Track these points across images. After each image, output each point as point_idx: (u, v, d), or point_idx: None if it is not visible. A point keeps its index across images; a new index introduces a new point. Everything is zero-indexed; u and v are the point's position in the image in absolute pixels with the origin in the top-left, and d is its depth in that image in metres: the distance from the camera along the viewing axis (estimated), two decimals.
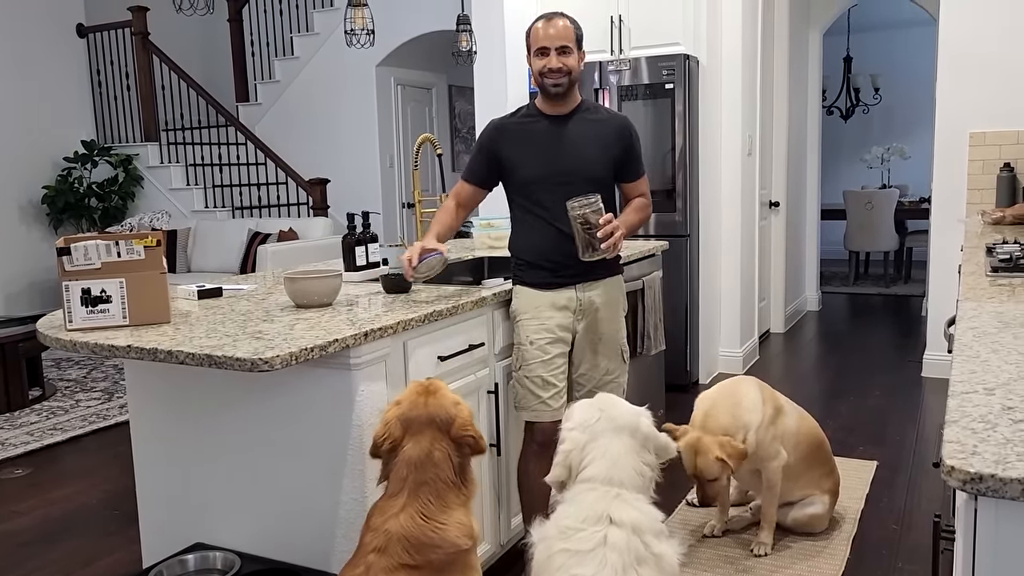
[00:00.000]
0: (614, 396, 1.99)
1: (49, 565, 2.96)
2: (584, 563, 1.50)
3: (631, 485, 1.67)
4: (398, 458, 1.90)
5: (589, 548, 1.52)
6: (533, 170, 2.57)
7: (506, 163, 2.61)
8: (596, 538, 1.53)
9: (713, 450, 2.65)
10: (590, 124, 2.61)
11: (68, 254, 2.11)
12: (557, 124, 2.58)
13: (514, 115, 2.68)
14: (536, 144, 2.57)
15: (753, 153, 5.41)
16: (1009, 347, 1.60)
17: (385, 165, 8.15)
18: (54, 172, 7.55)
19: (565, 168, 2.56)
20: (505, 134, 2.62)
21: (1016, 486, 0.98)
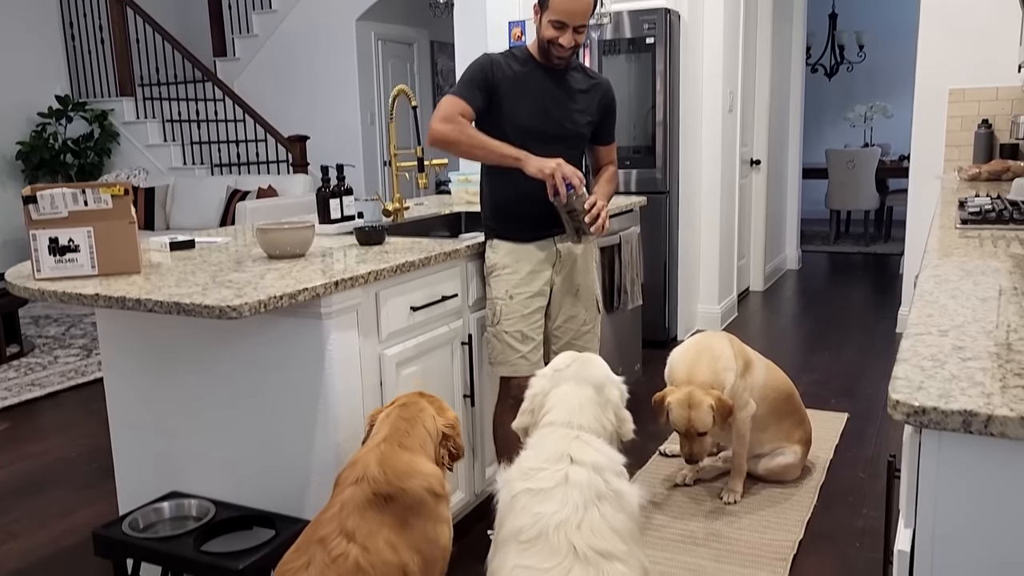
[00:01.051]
0: (597, 357, 2.00)
1: (28, 516, 2.98)
2: (546, 501, 1.53)
3: (591, 429, 1.70)
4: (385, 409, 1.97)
5: (551, 486, 1.55)
6: (527, 119, 2.51)
7: (500, 104, 2.49)
8: (557, 476, 1.56)
9: (707, 402, 2.69)
10: (580, 83, 2.59)
11: (34, 202, 2.09)
12: (552, 78, 2.54)
13: (508, 57, 2.54)
14: (531, 94, 2.52)
15: (734, 110, 5.39)
16: (968, 293, 1.63)
17: (366, 122, 8.08)
18: (28, 127, 7.44)
19: (557, 123, 2.54)
20: (501, 72, 2.49)
21: (957, 418, 1.01)
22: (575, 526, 1.48)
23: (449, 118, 2.43)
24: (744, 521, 2.76)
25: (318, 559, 1.64)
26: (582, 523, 1.48)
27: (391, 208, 3.19)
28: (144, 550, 2.07)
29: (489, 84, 2.48)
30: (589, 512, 1.50)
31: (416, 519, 1.79)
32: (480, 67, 2.50)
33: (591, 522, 1.49)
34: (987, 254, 2.06)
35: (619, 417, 1.84)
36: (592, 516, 1.49)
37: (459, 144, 2.43)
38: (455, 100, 2.45)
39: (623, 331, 3.87)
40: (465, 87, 2.48)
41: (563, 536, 1.46)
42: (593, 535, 1.47)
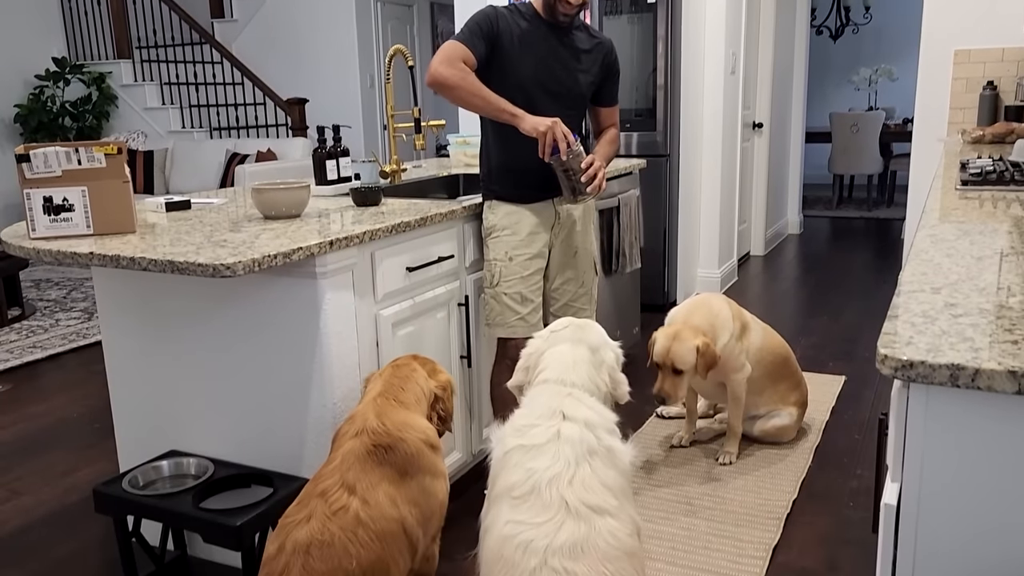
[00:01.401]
0: (594, 323, 2.01)
1: (30, 475, 3.01)
2: (538, 456, 1.54)
3: (584, 388, 1.71)
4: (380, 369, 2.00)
5: (543, 442, 1.56)
6: (529, 74, 2.47)
7: (502, 57, 2.45)
8: (549, 432, 1.57)
9: (693, 341, 2.69)
10: (584, 43, 2.56)
11: (28, 161, 2.08)
12: (557, 35, 2.51)
13: (513, 12, 2.50)
14: (534, 50, 2.48)
15: (737, 72, 5.33)
16: (964, 252, 1.62)
17: (366, 85, 8.01)
18: (26, 90, 7.38)
19: (558, 80, 2.51)
20: (506, 26, 2.45)
21: (945, 372, 1.01)
22: (567, 481, 1.49)
23: (450, 62, 2.36)
24: (739, 481, 2.78)
25: (319, 512, 1.66)
26: (573, 479, 1.49)
27: (388, 170, 3.18)
28: (144, 507, 2.10)
29: (492, 35, 2.43)
30: (581, 468, 1.51)
31: (414, 472, 1.81)
32: (485, 17, 2.45)
33: (582, 478, 1.50)
34: (986, 215, 2.05)
35: (614, 380, 1.85)
36: (583, 472, 1.51)
37: (458, 89, 2.37)
38: (458, 45, 2.39)
39: (622, 294, 3.87)
40: (469, 34, 2.42)
41: (555, 491, 1.48)
42: (584, 490, 1.48)
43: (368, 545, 1.65)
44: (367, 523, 1.67)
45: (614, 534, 1.45)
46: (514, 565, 1.43)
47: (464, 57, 2.38)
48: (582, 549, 1.41)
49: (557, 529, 1.43)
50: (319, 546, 1.61)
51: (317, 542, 1.61)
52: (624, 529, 1.50)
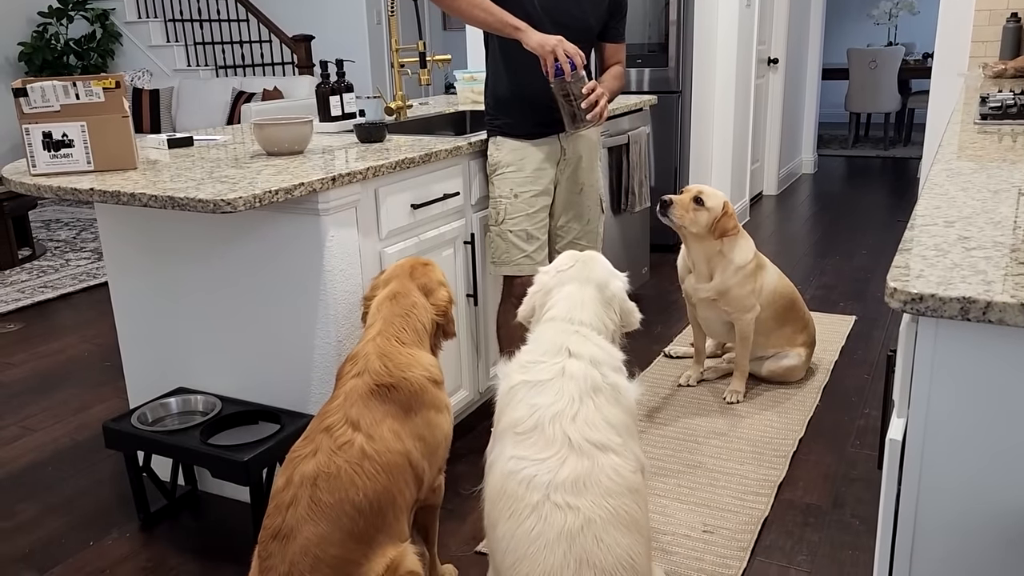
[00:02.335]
0: (598, 255, 1.96)
1: (42, 412, 3.05)
2: (542, 392, 1.53)
3: (592, 326, 1.69)
4: (377, 295, 1.95)
5: (548, 378, 1.55)
6: (536, 4, 2.40)
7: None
8: (554, 369, 1.56)
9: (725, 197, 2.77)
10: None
11: (25, 95, 2.04)
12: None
13: None
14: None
15: (752, 5, 5.18)
16: (980, 185, 1.58)
17: (372, 22, 7.84)
18: (29, 28, 7.27)
19: (569, 12, 2.44)
20: None
21: (955, 305, 0.98)
22: (570, 418, 1.48)
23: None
24: (746, 420, 2.79)
25: (325, 446, 1.67)
26: (577, 415, 1.49)
27: (394, 106, 3.12)
28: (153, 442, 2.12)
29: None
30: (584, 404, 1.50)
31: (418, 407, 1.81)
32: None
33: (585, 414, 1.49)
34: (1005, 148, 1.99)
35: (624, 309, 1.82)
36: (587, 408, 1.50)
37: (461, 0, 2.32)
38: None
39: (631, 233, 3.84)
40: None
41: (558, 427, 1.47)
42: (588, 427, 1.48)
43: (374, 477, 1.66)
44: (372, 456, 1.68)
45: (617, 470, 1.45)
46: (517, 499, 1.44)
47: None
48: (584, 484, 1.42)
49: (560, 465, 1.43)
50: (326, 478, 1.62)
51: (324, 474, 1.63)
52: (627, 466, 1.49)
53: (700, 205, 2.73)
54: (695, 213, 2.74)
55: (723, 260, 2.80)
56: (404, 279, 1.96)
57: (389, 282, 1.96)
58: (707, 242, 2.78)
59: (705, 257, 2.80)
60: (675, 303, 3.93)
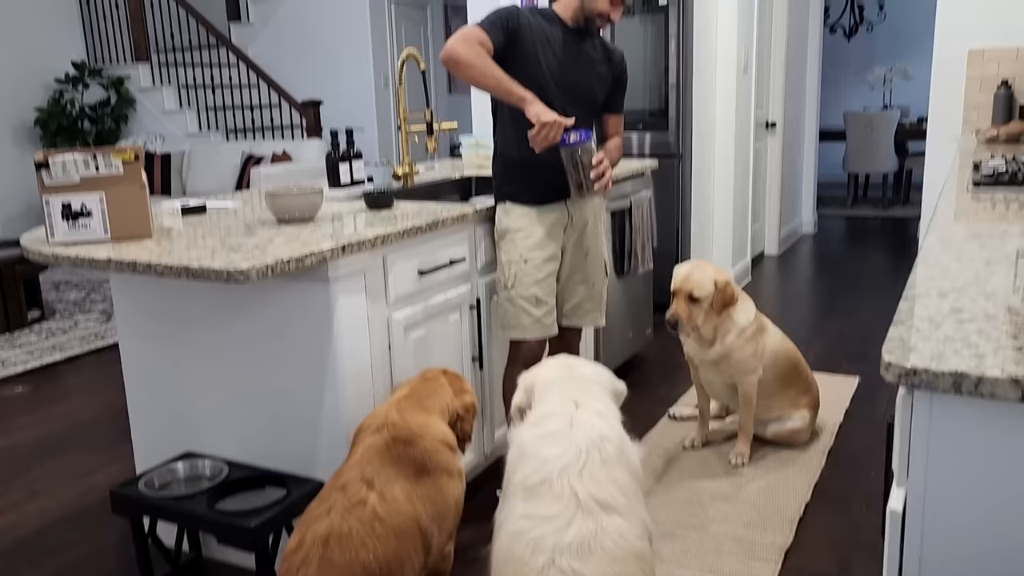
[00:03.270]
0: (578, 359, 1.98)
1: (48, 476, 3.06)
2: (553, 444, 1.56)
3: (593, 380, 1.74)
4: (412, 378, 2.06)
5: (557, 429, 1.58)
6: (546, 73, 2.48)
7: (522, 52, 2.45)
8: (564, 421, 1.60)
9: (712, 272, 2.77)
10: (598, 50, 2.60)
11: (47, 168, 2.11)
12: (574, 38, 2.54)
13: (534, 12, 2.51)
14: (553, 48, 2.50)
15: (749, 71, 5.32)
16: (972, 256, 1.62)
17: (380, 86, 8.04)
18: (46, 94, 7.47)
19: (575, 83, 2.54)
20: (526, 24, 2.46)
21: (948, 379, 1.01)
22: (577, 472, 1.51)
23: (468, 41, 2.36)
24: (751, 483, 2.78)
25: (339, 504, 1.70)
26: (583, 468, 1.51)
27: (401, 172, 3.20)
28: (160, 508, 2.13)
29: (512, 29, 2.44)
30: (591, 457, 1.53)
31: (431, 470, 1.85)
32: (507, 13, 2.46)
33: (592, 468, 1.52)
34: (998, 216, 2.05)
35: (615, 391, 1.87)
36: (593, 461, 1.53)
37: (472, 68, 2.35)
38: (477, 29, 2.40)
39: (634, 296, 3.88)
40: (489, 24, 2.43)
41: (566, 482, 1.50)
42: (594, 483, 1.50)
43: (384, 539, 1.68)
44: (384, 518, 1.70)
45: (623, 535, 1.46)
46: (523, 563, 1.45)
47: (481, 40, 2.37)
48: (590, 549, 1.43)
49: (566, 526, 1.45)
50: (337, 538, 1.64)
51: (336, 534, 1.65)
52: (633, 531, 1.51)
53: (695, 302, 2.76)
54: (696, 310, 2.76)
55: (725, 324, 2.83)
56: (438, 373, 2.10)
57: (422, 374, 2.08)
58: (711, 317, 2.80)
59: (710, 324, 2.83)
60: (679, 364, 3.94)
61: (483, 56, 2.36)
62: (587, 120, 2.63)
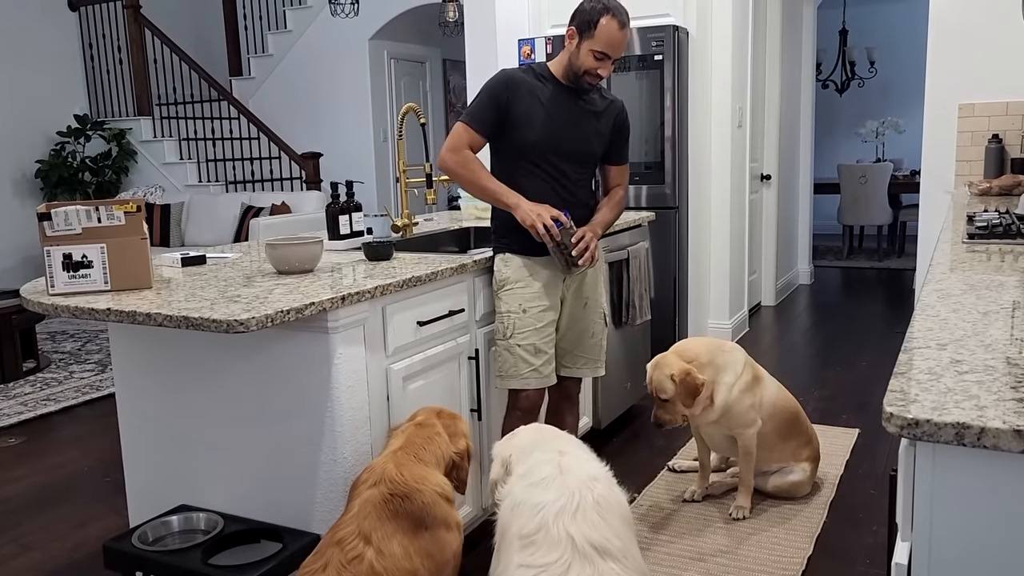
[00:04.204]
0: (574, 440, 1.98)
1: (41, 529, 3.01)
2: (545, 490, 1.56)
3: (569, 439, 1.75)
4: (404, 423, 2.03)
5: (547, 475, 1.59)
6: (539, 133, 2.53)
7: (513, 119, 2.53)
8: (551, 467, 1.61)
9: (671, 369, 2.72)
10: (595, 103, 2.63)
11: (49, 219, 2.13)
12: (568, 95, 2.58)
13: (526, 72, 2.59)
14: (546, 109, 2.54)
15: (744, 126, 5.41)
16: (970, 307, 1.63)
17: (379, 139, 8.15)
18: (47, 146, 7.55)
19: (572, 142, 2.58)
20: (517, 89, 2.53)
21: (950, 431, 1.01)
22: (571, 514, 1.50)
23: (455, 148, 2.54)
24: (753, 537, 2.75)
25: (335, 560, 1.67)
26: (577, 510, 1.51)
27: (400, 224, 3.22)
28: (153, 563, 2.09)
29: (502, 104, 2.52)
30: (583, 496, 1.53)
31: (429, 524, 1.83)
32: (495, 86, 2.53)
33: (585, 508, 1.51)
34: (992, 268, 2.06)
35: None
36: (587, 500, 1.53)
37: (460, 179, 2.57)
38: (464, 129, 2.54)
39: (632, 346, 3.88)
40: (476, 112, 2.54)
41: (561, 527, 1.49)
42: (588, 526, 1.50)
43: None
44: (381, 574, 1.67)
45: None
46: None
47: (469, 142, 2.54)
48: None
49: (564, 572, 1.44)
50: None
51: None
52: None
53: (665, 401, 2.74)
54: (671, 406, 2.75)
55: (708, 389, 2.80)
56: (432, 417, 2.08)
57: (415, 418, 2.05)
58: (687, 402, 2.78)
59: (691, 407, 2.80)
60: None
61: (469, 164, 2.53)
62: (587, 175, 2.67)
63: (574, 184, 2.63)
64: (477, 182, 2.54)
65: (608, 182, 2.78)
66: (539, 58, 4.91)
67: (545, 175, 2.58)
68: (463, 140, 2.53)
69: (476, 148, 2.57)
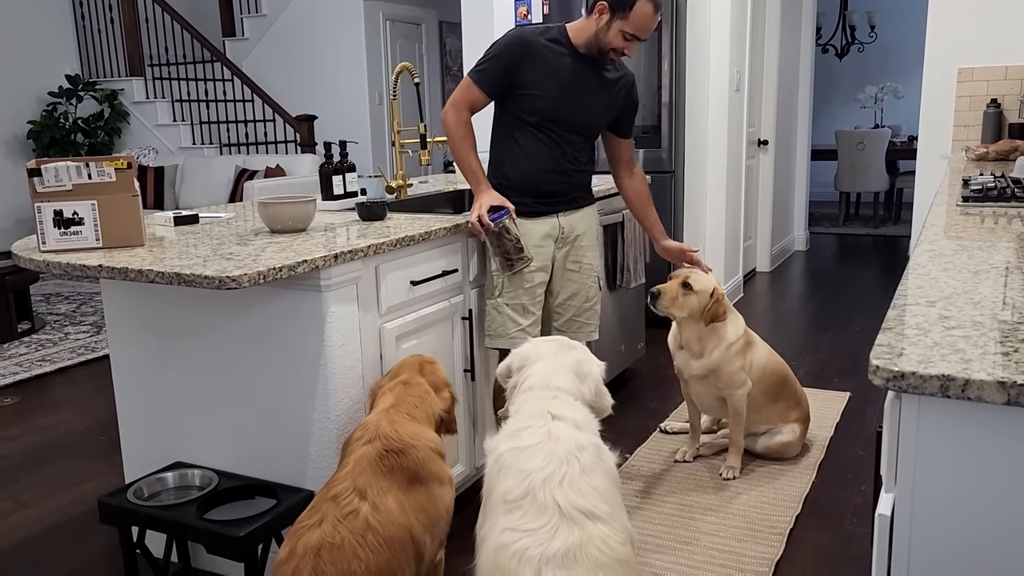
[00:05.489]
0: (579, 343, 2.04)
1: (35, 487, 3.03)
2: (532, 457, 1.57)
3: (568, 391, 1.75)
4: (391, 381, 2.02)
5: (535, 442, 1.59)
6: (547, 102, 2.53)
7: (523, 83, 2.51)
8: (540, 432, 1.61)
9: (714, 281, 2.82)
10: (607, 76, 2.60)
11: (39, 175, 2.12)
12: (583, 65, 2.55)
13: (542, 35, 2.54)
14: (558, 78, 2.52)
15: (741, 90, 5.37)
16: (961, 266, 1.64)
17: (374, 102, 8.08)
18: (39, 107, 7.48)
19: (579, 112, 2.58)
20: (531, 54, 2.50)
21: (935, 383, 1.02)
22: (558, 482, 1.51)
23: (458, 106, 2.55)
24: (742, 496, 2.78)
25: (331, 515, 1.69)
26: (564, 479, 1.51)
27: (394, 185, 3.21)
28: (148, 518, 2.12)
29: (512, 67, 2.50)
30: (571, 466, 1.54)
31: (423, 479, 1.85)
32: (507, 47, 2.51)
33: (572, 477, 1.52)
34: (986, 230, 2.06)
35: (598, 391, 1.89)
36: (573, 470, 1.53)
37: (450, 139, 2.59)
38: (470, 85, 2.53)
39: (626, 310, 3.89)
40: (485, 69, 2.53)
41: (548, 493, 1.50)
42: (575, 493, 1.50)
43: (376, 550, 1.67)
44: (376, 528, 1.69)
45: (606, 542, 1.46)
46: (510, 574, 1.44)
47: (472, 101, 2.54)
48: (575, 557, 1.43)
49: (551, 536, 1.45)
50: (329, 548, 1.63)
51: (327, 544, 1.64)
52: (616, 536, 1.51)
53: (688, 290, 2.78)
54: (684, 298, 2.79)
55: (713, 337, 2.84)
56: (414, 374, 2.07)
57: (398, 375, 2.05)
58: (697, 323, 2.82)
59: (696, 335, 2.84)
60: (671, 379, 3.95)
61: (458, 129, 2.55)
62: (589, 145, 2.69)
63: (575, 150, 2.63)
64: (463, 153, 2.56)
65: (616, 156, 2.79)
66: (535, 19, 4.85)
67: (547, 140, 2.58)
68: (468, 96, 2.54)
69: (480, 105, 2.57)
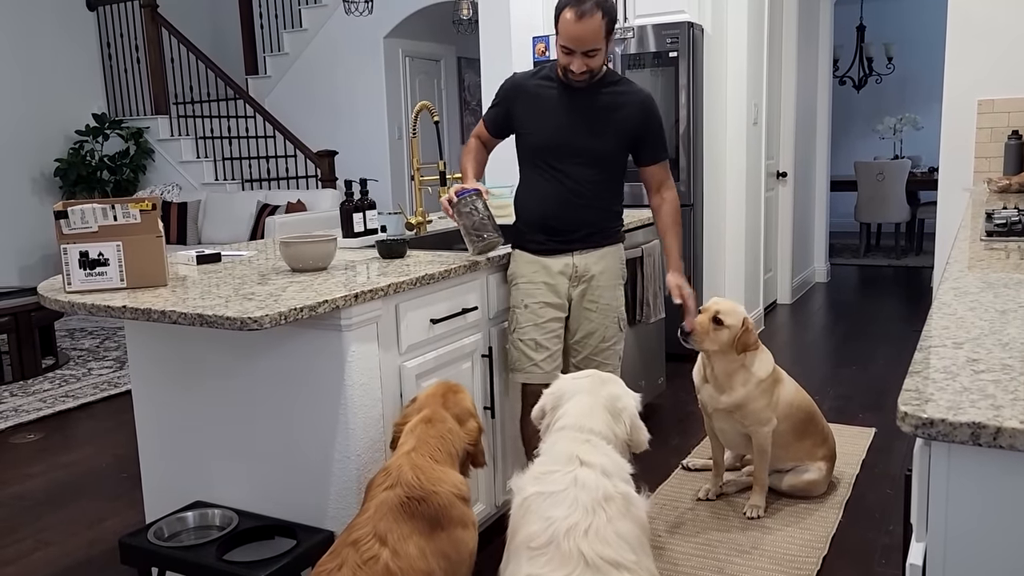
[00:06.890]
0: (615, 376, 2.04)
1: (57, 525, 3.04)
2: (557, 504, 1.54)
3: (601, 435, 1.72)
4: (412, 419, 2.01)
5: (561, 488, 1.56)
6: (539, 138, 2.60)
7: (516, 123, 2.66)
8: (567, 479, 1.58)
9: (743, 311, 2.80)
10: (607, 98, 2.57)
11: (65, 217, 2.15)
12: (571, 95, 2.56)
13: (534, 75, 2.66)
14: (546, 112, 2.57)
15: (759, 123, 5.37)
16: (987, 305, 1.61)
17: (394, 137, 8.16)
18: (66, 145, 7.62)
19: (571, 140, 2.58)
20: (521, 94, 2.64)
21: (966, 430, 1.00)
22: (583, 532, 1.49)
23: (473, 134, 2.83)
24: (767, 536, 2.73)
25: (350, 561, 1.67)
26: (590, 528, 1.49)
27: (414, 221, 3.22)
28: (168, 559, 2.11)
29: (506, 107, 2.68)
30: (597, 516, 1.51)
31: (445, 524, 1.83)
32: (503, 91, 2.71)
33: (598, 527, 1.49)
34: (1011, 267, 2.04)
35: (634, 426, 1.86)
36: (599, 520, 1.51)
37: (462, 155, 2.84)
38: (481, 122, 2.80)
39: (646, 344, 3.86)
40: (489, 109, 2.77)
41: (572, 543, 1.48)
42: (601, 542, 1.48)
43: None
44: (396, 574, 1.68)
45: None
46: None
47: (478, 133, 2.80)
48: None
49: None
50: None
51: None
52: None
53: (720, 325, 2.76)
54: (715, 333, 2.77)
55: (743, 373, 2.81)
56: (437, 407, 2.04)
57: (422, 409, 2.03)
58: (728, 356, 2.80)
59: (725, 371, 2.81)
60: (692, 414, 3.91)
61: (466, 148, 2.80)
62: (603, 177, 2.63)
63: (578, 184, 2.59)
64: (461, 160, 2.79)
65: (646, 182, 2.77)
66: (554, 55, 4.90)
67: (547, 175, 2.62)
68: (480, 131, 2.80)
69: (485, 139, 2.80)
